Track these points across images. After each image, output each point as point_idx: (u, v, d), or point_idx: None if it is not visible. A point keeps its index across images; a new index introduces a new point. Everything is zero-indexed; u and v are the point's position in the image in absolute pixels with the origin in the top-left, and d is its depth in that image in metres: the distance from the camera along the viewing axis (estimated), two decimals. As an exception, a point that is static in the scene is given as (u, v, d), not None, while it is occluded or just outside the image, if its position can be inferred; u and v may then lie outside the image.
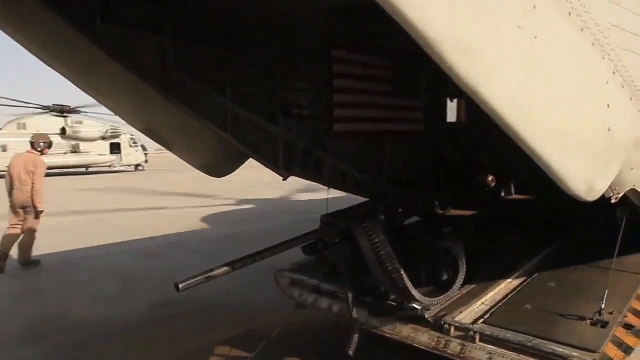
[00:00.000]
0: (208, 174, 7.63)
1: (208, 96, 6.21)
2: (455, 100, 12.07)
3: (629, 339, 4.58)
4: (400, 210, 5.30)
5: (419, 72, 10.22)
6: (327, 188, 8.28)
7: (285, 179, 7.61)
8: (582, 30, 3.26)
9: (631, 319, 5.01)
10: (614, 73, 3.61)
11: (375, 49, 8.89)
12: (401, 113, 9.84)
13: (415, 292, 4.56)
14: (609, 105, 3.49)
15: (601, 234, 8.63)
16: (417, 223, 7.60)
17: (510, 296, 5.68)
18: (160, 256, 11.89)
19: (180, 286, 3.54)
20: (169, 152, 7.28)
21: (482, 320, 5.05)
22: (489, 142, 13.23)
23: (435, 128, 11.12)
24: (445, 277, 5.08)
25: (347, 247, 4.58)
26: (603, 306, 4.82)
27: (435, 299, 4.80)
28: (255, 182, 28.97)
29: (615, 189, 4.11)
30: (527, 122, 2.83)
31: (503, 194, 11.35)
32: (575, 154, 3.13)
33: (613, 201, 4.18)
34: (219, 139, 6.85)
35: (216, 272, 3.82)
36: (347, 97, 8.47)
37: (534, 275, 6.36)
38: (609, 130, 3.44)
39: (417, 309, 4.92)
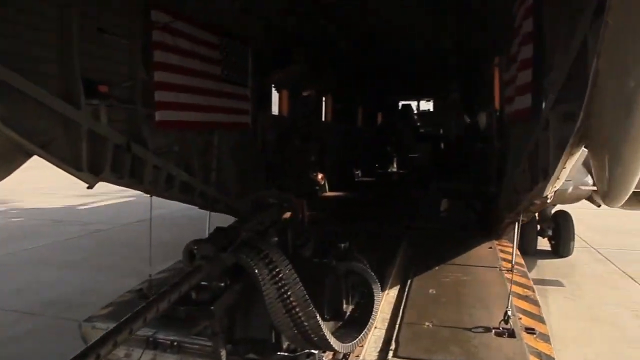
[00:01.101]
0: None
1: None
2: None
3: (542, 346, 4.28)
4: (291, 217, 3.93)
5: (247, 55, 8.86)
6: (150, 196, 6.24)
7: (90, 187, 5.32)
8: None
9: (525, 320, 4.76)
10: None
11: (202, 24, 7.21)
12: (231, 102, 8.32)
13: (333, 341, 3.27)
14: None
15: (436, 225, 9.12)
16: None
17: (401, 314, 4.93)
18: None
19: None
20: None
21: (391, 354, 4.15)
22: (316, 137, 12.99)
23: (261, 120, 9.95)
24: (352, 309, 3.94)
25: (237, 291, 3.00)
26: (509, 313, 4.43)
27: (351, 343, 3.61)
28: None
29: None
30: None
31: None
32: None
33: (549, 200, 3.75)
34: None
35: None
36: (171, 77, 6.54)
37: (408, 282, 5.81)
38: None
39: (313, 354, 3.65)
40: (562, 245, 10.39)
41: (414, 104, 29.43)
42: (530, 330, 4.50)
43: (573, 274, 9.78)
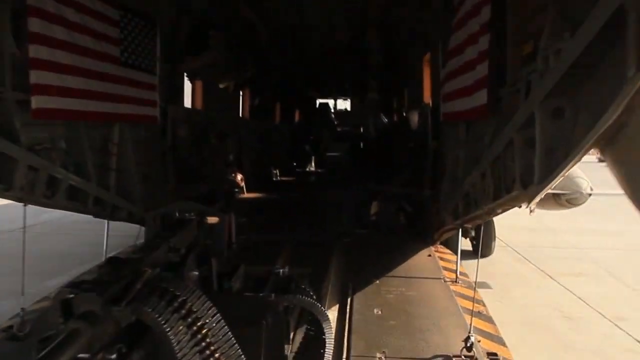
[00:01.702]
0: None
1: None
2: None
3: (509, 377, 3.72)
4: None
5: (154, 37, 7.54)
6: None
7: None
8: None
9: (485, 343, 4.22)
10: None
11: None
12: (134, 91, 7.00)
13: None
14: None
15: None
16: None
17: (347, 344, 4.17)
18: None
19: None
20: None
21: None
22: (234, 135, 11.81)
23: (172, 113, 8.66)
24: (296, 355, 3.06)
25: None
26: (472, 339, 3.84)
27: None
28: None
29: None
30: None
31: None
32: None
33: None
34: None
35: None
36: (52, 53, 5.15)
37: (348, 301, 5.08)
38: None
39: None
40: (484, 245, 10.36)
41: (331, 102, 29.19)
42: (493, 356, 3.95)
43: (497, 274, 9.75)
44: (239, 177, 9.56)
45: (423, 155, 7.98)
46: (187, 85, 9.90)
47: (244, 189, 10.81)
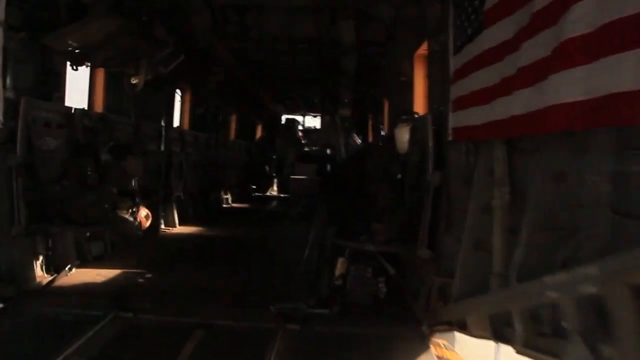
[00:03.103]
0: None
1: None
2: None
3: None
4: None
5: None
6: None
7: None
8: None
9: None
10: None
11: None
12: None
13: None
14: None
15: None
16: None
17: None
18: None
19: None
20: None
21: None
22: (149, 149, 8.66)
23: (29, 112, 5.53)
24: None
25: None
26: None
27: None
28: None
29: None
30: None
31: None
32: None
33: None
34: None
35: None
36: None
37: None
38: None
39: None
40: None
41: (300, 118, 26.19)
42: None
43: None
44: (143, 213, 6.42)
45: (417, 192, 5.13)
46: (75, 75, 6.76)
47: (159, 229, 7.57)
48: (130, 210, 6.29)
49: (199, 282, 6.20)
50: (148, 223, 6.69)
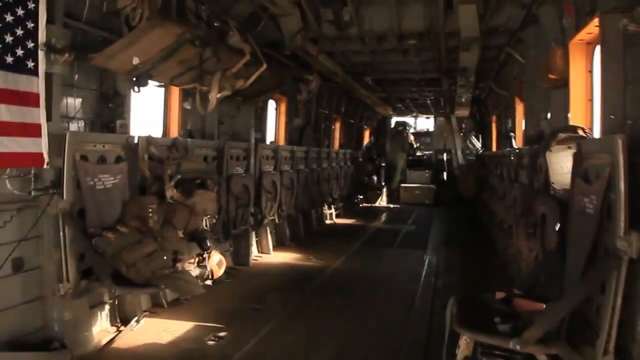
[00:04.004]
0: None
1: None
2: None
3: None
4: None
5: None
6: None
7: None
8: None
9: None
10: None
11: None
12: None
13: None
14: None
15: None
16: None
17: None
18: None
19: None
20: None
21: None
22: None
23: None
24: None
25: None
26: None
27: None
28: None
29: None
30: None
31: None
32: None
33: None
34: None
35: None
36: None
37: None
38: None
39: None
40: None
41: (411, 121, 24.04)
42: None
43: None
44: (215, 259, 5.33)
45: (593, 263, 3.17)
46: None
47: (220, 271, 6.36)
48: (198, 258, 5.24)
49: (285, 344, 4.93)
50: (222, 270, 5.59)
